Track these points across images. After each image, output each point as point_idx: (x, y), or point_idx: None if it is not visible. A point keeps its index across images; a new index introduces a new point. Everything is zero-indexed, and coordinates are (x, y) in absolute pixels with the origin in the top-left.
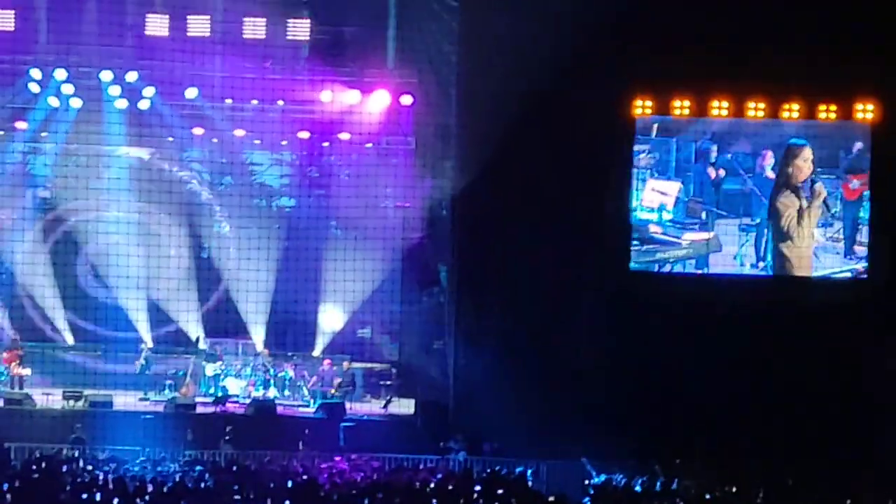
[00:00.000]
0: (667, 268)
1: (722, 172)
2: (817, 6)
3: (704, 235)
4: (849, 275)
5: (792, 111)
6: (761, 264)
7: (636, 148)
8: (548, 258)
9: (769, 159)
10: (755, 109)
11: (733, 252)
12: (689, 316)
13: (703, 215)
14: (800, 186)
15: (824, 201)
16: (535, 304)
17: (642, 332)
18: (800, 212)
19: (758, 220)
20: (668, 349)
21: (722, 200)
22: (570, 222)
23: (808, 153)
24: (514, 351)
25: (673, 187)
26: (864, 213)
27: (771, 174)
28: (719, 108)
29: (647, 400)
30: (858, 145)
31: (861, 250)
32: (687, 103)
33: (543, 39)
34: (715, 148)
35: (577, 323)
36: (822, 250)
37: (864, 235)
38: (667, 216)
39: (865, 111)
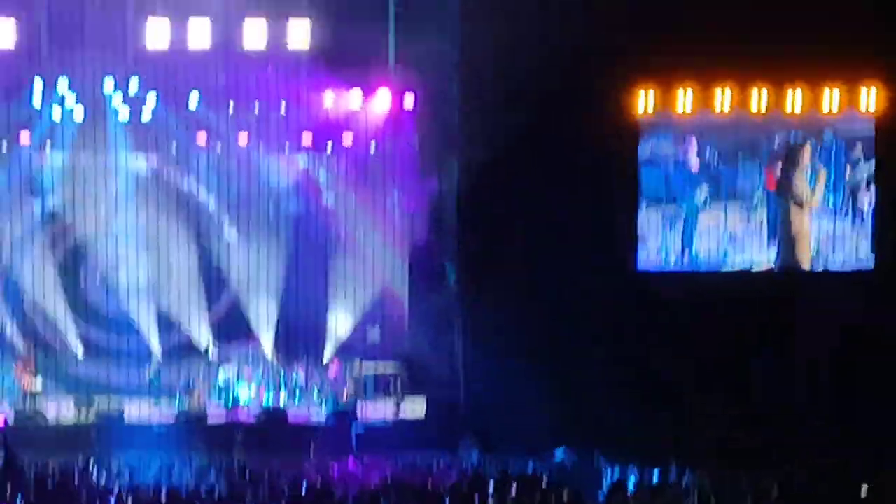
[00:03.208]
0: None
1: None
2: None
3: None
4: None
5: (794, 101)
6: (687, 252)
7: None
8: (554, 254)
9: (694, 146)
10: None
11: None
12: (700, 313)
13: None
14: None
15: (825, 185)
16: (543, 300)
17: (651, 331)
18: (805, 192)
19: (682, 209)
20: (679, 347)
21: (643, 191)
22: (576, 220)
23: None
24: (523, 348)
25: None
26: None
27: (696, 160)
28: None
29: (657, 396)
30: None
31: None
32: (690, 96)
33: (545, 37)
34: None
35: (584, 319)
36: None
37: None
38: None
39: (869, 97)
